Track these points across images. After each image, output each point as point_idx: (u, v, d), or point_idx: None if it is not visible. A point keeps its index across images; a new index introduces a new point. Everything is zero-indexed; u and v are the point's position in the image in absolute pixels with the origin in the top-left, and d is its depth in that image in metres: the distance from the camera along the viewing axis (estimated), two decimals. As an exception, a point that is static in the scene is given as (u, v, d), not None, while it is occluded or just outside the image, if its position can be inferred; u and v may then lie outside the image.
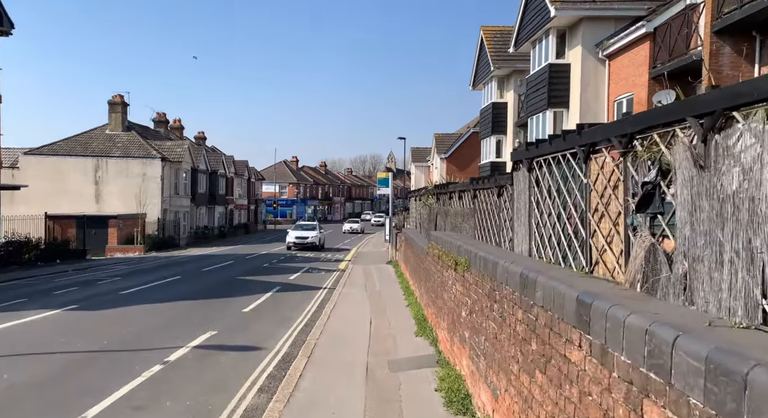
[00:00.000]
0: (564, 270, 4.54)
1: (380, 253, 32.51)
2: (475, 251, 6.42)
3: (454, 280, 7.75)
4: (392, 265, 24.36)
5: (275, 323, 12.09)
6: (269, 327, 11.65)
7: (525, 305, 4.28)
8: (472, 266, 6.55)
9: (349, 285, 18.04)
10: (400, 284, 17.58)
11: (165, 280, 19.27)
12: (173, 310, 13.36)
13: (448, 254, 8.29)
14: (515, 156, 7.20)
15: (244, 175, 58.50)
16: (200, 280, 19.58)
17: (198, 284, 18.32)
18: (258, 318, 12.64)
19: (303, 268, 24.09)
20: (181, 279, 19.67)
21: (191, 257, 30.85)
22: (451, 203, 14.43)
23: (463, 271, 7.01)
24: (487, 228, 8.95)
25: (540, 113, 22.76)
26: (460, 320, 7.22)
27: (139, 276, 20.58)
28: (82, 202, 38.64)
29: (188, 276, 20.62)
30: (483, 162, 31.06)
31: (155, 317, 12.43)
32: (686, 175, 2.88)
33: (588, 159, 4.49)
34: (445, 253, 8.60)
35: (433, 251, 10.13)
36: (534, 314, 4.08)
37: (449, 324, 8.05)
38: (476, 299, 6.22)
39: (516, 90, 28.35)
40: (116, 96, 41.86)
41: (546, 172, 5.62)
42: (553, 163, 5.37)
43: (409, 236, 18.10)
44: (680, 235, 2.94)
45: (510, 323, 4.76)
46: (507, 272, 4.87)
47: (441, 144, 47.81)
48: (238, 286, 17.97)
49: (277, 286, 17.93)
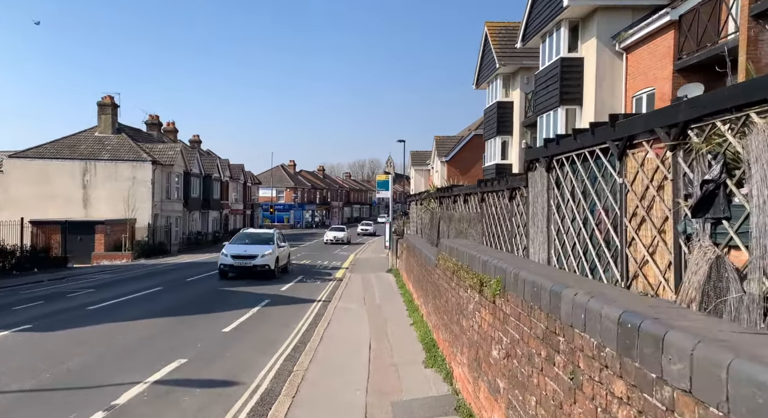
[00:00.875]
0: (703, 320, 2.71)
1: (380, 260, 30.68)
2: (514, 269, 4.61)
3: (479, 305, 5.94)
4: (393, 274, 22.53)
5: (258, 347, 10.25)
6: (251, 353, 9.81)
7: (638, 377, 2.47)
8: (508, 290, 4.74)
9: (346, 297, 16.21)
10: (402, 297, 15.75)
11: (144, 292, 17.42)
12: (143, 330, 11.50)
13: (468, 270, 6.48)
14: (531, 154, 6.38)
15: (240, 179, 56.67)
16: (183, 291, 17.72)
17: (179, 297, 16.47)
18: (239, 340, 10.80)
19: (297, 277, 22.23)
20: (162, 291, 17.80)
21: (180, 265, 28.99)
22: (456, 208, 12.47)
23: (494, 295, 5.21)
24: (497, 234, 8.15)
25: (551, 111, 21.03)
26: (489, 360, 5.41)
27: (117, 287, 18.72)
28: (70, 207, 36.80)
29: (171, 287, 18.75)
30: (487, 164, 29.31)
31: (119, 341, 10.57)
32: None
33: (624, 155, 3.96)
34: (464, 268, 6.80)
35: (445, 264, 8.33)
36: (665, 401, 2.27)
37: (471, 360, 6.24)
38: (518, 338, 4.41)
39: (522, 88, 26.65)
40: (106, 97, 40.08)
41: (568, 171, 5.04)
42: (578, 161, 4.79)
43: (411, 243, 16.29)
44: (758, 246, 2.43)
45: (595, 395, 2.95)
46: (585, 312, 3.06)
47: (442, 147, 46.15)
48: (223, 299, 16.12)
49: (265, 299, 16.09)
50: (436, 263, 9.54)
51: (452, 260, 7.76)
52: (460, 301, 7.12)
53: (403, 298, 15.58)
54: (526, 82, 26.79)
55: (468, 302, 6.53)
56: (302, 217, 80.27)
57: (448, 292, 8.17)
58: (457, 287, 7.32)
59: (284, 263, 23.46)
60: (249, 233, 24.34)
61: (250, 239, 22.54)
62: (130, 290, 17.83)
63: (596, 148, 4.39)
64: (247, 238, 22.89)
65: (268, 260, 20.96)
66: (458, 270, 7.20)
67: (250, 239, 22.54)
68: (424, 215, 22.73)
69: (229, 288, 18.46)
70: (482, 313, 5.76)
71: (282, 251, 22.92)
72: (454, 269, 7.55)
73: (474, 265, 6.22)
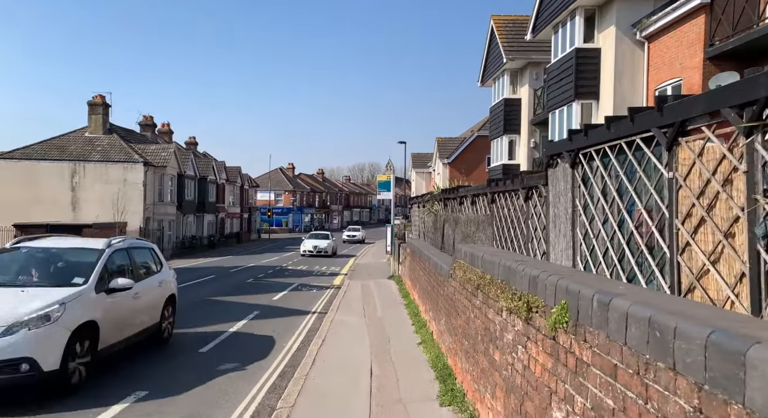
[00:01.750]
0: None
1: (380, 265, 28.95)
2: (597, 294, 2.91)
3: (523, 336, 4.23)
4: (395, 281, 20.81)
5: (239, 374, 8.53)
6: (228, 382, 8.07)
7: None
8: (585, 324, 3.04)
9: (344, 308, 14.50)
10: (406, 308, 14.04)
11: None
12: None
13: (504, 286, 4.79)
14: (552, 148, 5.84)
15: (237, 181, 54.96)
16: None
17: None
18: (216, 363, 9.08)
19: (292, 284, 20.51)
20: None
21: (170, 271, 27.25)
22: (462, 210, 11.34)
23: (554, 328, 3.51)
24: (509, 238, 7.39)
25: (564, 107, 19.41)
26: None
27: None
28: (58, 210, 35.05)
29: None
30: (493, 165, 27.64)
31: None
32: None
33: (674, 144, 3.40)
34: (495, 283, 5.11)
35: (465, 276, 6.64)
36: None
37: (511, 411, 4.53)
38: (612, 407, 2.72)
39: (531, 84, 25.03)
40: (96, 96, 38.42)
41: (599, 166, 4.64)
42: (612, 154, 4.36)
43: (416, 248, 14.60)
44: None
45: None
46: None
47: (443, 148, 44.58)
48: (207, 311, 14.40)
49: (255, 310, 14.37)
50: (450, 274, 7.85)
51: (476, 272, 6.07)
52: (489, 325, 5.42)
53: (407, 309, 13.86)
54: (535, 77, 25.18)
55: (503, 330, 4.83)
56: (301, 220, 78.52)
57: (469, 310, 6.48)
58: (484, 306, 5.63)
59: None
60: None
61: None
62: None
63: (636, 137, 3.90)
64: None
65: None
66: (485, 285, 5.51)
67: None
68: (427, 218, 21.13)
69: (218, 298, 16.72)
70: (531, 349, 4.06)
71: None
72: (478, 282, 5.85)
73: (513, 280, 4.52)
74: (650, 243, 3.88)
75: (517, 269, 4.43)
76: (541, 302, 3.78)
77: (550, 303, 3.58)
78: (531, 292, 4.04)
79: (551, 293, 3.61)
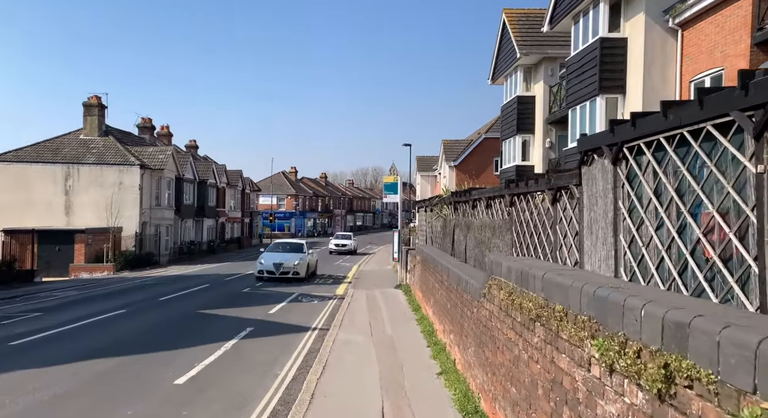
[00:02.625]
0: None
1: (385, 273, 27.21)
2: None
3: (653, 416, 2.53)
4: (402, 290, 19.09)
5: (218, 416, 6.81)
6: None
7: None
8: None
9: (348, 324, 12.78)
10: (418, 325, 12.31)
11: (102, 316, 14.00)
12: (61, 384, 8.03)
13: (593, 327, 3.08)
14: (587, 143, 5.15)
15: (238, 185, 53.32)
16: (149, 316, 14.27)
17: (141, 324, 13.04)
18: (193, 401, 7.35)
19: (291, 295, 18.79)
20: (125, 314, 14.33)
21: (163, 279, 25.57)
22: (475, 214, 10.29)
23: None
24: (533, 245, 6.63)
25: (586, 102, 17.73)
26: None
27: (74, 309, 15.27)
28: (50, 214, 33.52)
29: (137, 309, 15.29)
30: (505, 166, 25.93)
31: (19, 406, 7.13)
32: None
33: (765, 130, 2.77)
34: (572, 319, 3.40)
35: (510, 300, 4.93)
36: None
37: None
38: None
39: (546, 81, 23.35)
40: (92, 97, 36.88)
41: (650, 161, 3.95)
42: (669, 146, 3.69)
43: (428, 256, 12.90)
44: None
45: None
46: None
47: (450, 151, 42.93)
48: (194, 327, 12.69)
49: (248, 326, 12.65)
50: (483, 293, 6.14)
51: (530, 297, 4.36)
52: (560, 378, 3.70)
53: (419, 326, 12.13)
54: (551, 73, 23.51)
55: (598, 394, 3.11)
56: (304, 225, 76.84)
57: (517, 347, 4.76)
58: (549, 347, 3.92)
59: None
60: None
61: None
62: (87, 313, 14.41)
63: (707, 124, 3.19)
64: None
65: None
66: (552, 319, 3.81)
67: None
68: (435, 223, 19.49)
69: (209, 311, 15.01)
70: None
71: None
72: (538, 313, 4.15)
73: (615, 320, 2.82)
74: (726, 255, 3.22)
75: (629, 305, 2.71)
76: (707, 376, 2.08)
77: (747, 385, 1.87)
78: (671, 349, 2.33)
79: (736, 358, 1.90)
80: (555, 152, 23.42)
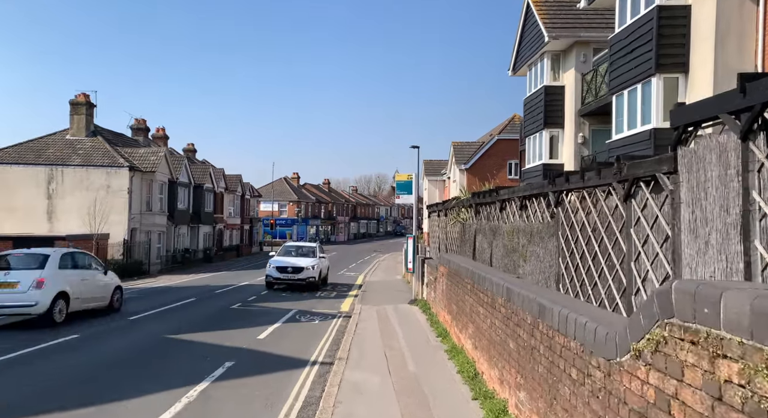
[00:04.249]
0: None
1: (395, 284, 24.11)
2: None
3: None
4: (419, 307, 16.03)
5: None
6: None
7: None
8: None
9: (357, 355, 9.71)
10: (450, 358, 9.24)
11: (46, 343, 10.91)
12: None
13: None
14: (688, 113, 4.21)
15: (237, 190, 50.34)
16: (98, 347, 10.94)
17: (91, 358, 9.91)
18: None
19: (288, 312, 15.72)
20: (69, 346, 11.05)
21: (145, 291, 22.51)
22: (504, 217, 9.12)
23: None
24: (589, 254, 5.40)
25: (637, 84, 14.79)
26: None
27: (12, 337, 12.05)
28: (32, 220, 30.58)
29: (89, 336, 11.83)
30: (529, 165, 22.89)
31: None
32: None
33: None
34: None
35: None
36: None
37: None
38: None
39: (578, 68, 20.36)
40: (79, 95, 34.00)
41: None
42: None
43: (463, 269, 9.85)
44: None
45: None
46: None
47: (460, 154, 39.98)
48: (155, 362, 9.61)
49: (228, 360, 9.57)
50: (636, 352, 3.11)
51: None
52: None
53: (453, 362, 9.05)
54: (583, 59, 20.52)
55: None
56: (306, 232, 73.77)
57: None
58: None
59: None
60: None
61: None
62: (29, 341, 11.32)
63: None
64: None
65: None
66: None
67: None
68: (451, 229, 16.65)
69: (181, 336, 11.90)
70: None
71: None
72: None
73: None
74: None
75: None
76: None
77: None
78: None
79: None
80: (588, 148, 20.42)
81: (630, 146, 14.85)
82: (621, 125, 15.78)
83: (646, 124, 14.32)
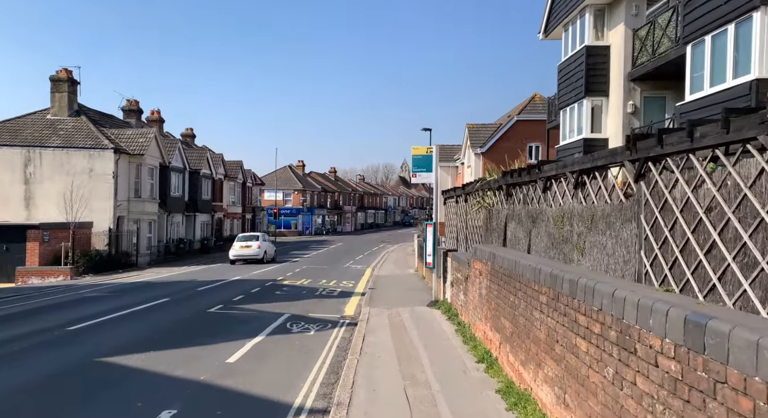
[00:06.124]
0: None
1: (408, 279, 20.70)
2: None
3: None
4: (442, 311, 12.64)
5: None
6: None
7: None
8: None
9: (364, 395, 6.31)
10: (503, 399, 5.84)
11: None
12: None
13: None
14: None
15: (238, 177, 47.00)
16: (18, 369, 7.82)
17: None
18: None
19: (278, 317, 12.37)
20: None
21: (120, 288, 19.26)
22: (550, 198, 7.29)
23: None
24: (698, 245, 4.05)
25: (727, 26, 11.26)
26: None
27: None
28: (7, 207, 27.43)
29: (9, 355, 8.82)
30: (565, 142, 19.32)
31: None
32: None
33: None
34: None
35: None
36: None
37: None
38: None
39: (629, 23, 16.75)
40: (61, 71, 30.66)
41: None
42: None
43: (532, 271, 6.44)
44: None
45: None
46: None
47: (475, 137, 36.36)
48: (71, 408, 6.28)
49: (171, 405, 6.24)
50: None
51: None
52: None
53: (513, 412, 5.65)
54: (635, 12, 16.88)
55: None
56: (311, 222, 70.42)
57: None
58: None
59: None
60: None
61: None
62: None
63: None
64: None
65: None
66: None
67: None
68: (474, 215, 13.73)
69: (122, 359, 8.54)
70: None
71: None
72: None
73: None
74: None
75: None
76: None
77: None
78: None
79: None
80: (639, 120, 16.84)
81: (711, 107, 11.31)
82: (699, 82, 12.24)
83: (741, 75, 10.79)
